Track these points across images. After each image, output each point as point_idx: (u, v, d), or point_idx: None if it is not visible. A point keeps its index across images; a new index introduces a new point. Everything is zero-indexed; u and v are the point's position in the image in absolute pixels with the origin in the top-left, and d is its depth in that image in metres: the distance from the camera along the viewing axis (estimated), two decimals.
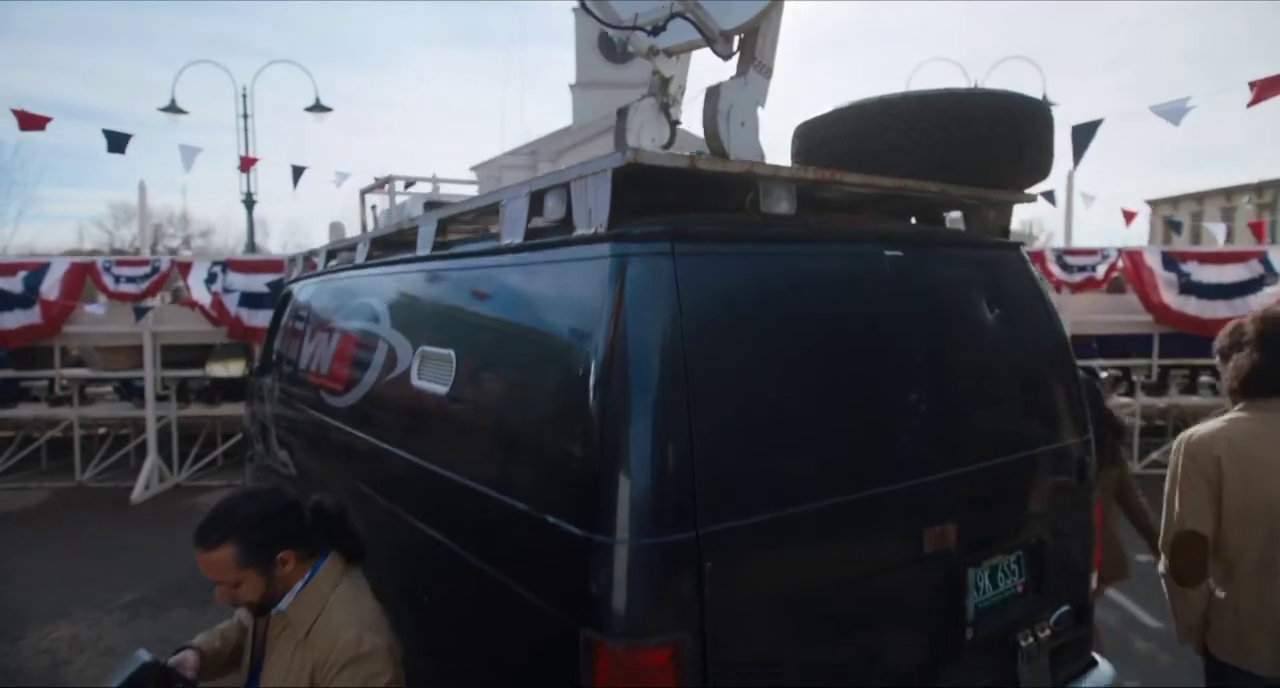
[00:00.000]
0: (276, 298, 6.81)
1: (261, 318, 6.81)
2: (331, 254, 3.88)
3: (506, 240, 2.16)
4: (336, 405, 3.10)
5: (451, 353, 2.29)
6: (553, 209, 1.99)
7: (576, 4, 2.63)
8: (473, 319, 2.35)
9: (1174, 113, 4.33)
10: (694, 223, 1.94)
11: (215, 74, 12.18)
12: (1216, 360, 2.39)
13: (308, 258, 4.23)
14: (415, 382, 2.45)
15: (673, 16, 2.21)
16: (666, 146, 2.46)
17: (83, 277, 6.88)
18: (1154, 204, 46.60)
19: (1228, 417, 2.25)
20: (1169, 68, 77.79)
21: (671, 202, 2.15)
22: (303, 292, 4.07)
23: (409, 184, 5.31)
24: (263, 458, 4.58)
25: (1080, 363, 7.09)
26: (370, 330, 2.95)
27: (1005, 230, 2.67)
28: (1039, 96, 3.84)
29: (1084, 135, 3.99)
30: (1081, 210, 7.52)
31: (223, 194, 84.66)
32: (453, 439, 2.27)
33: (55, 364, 7.18)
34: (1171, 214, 45.04)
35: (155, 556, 5.39)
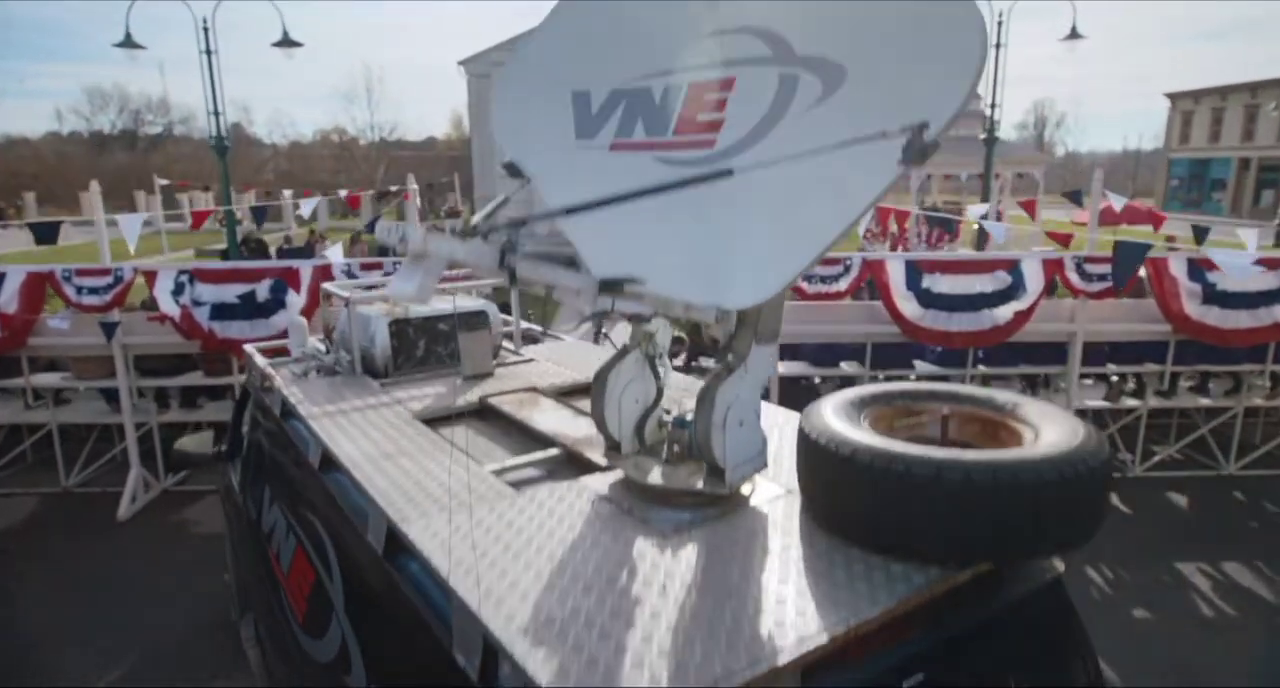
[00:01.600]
0: (251, 308, 6.51)
1: (236, 329, 6.50)
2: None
3: None
4: None
5: None
6: None
7: None
8: None
9: None
10: None
11: None
12: None
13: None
14: None
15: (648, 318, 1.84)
16: (651, 408, 2.13)
17: (42, 287, 6.50)
18: (1174, 98, 44.65)
19: None
20: None
21: None
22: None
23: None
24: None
25: (1091, 369, 6.83)
26: None
27: None
28: None
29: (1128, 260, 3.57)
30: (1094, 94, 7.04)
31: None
32: None
33: (24, 373, 6.91)
34: (1192, 109, 43.27)
35: (146, 606, 5.33)
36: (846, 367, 7.08)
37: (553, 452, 2.36)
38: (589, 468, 2.22)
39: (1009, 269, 6.45)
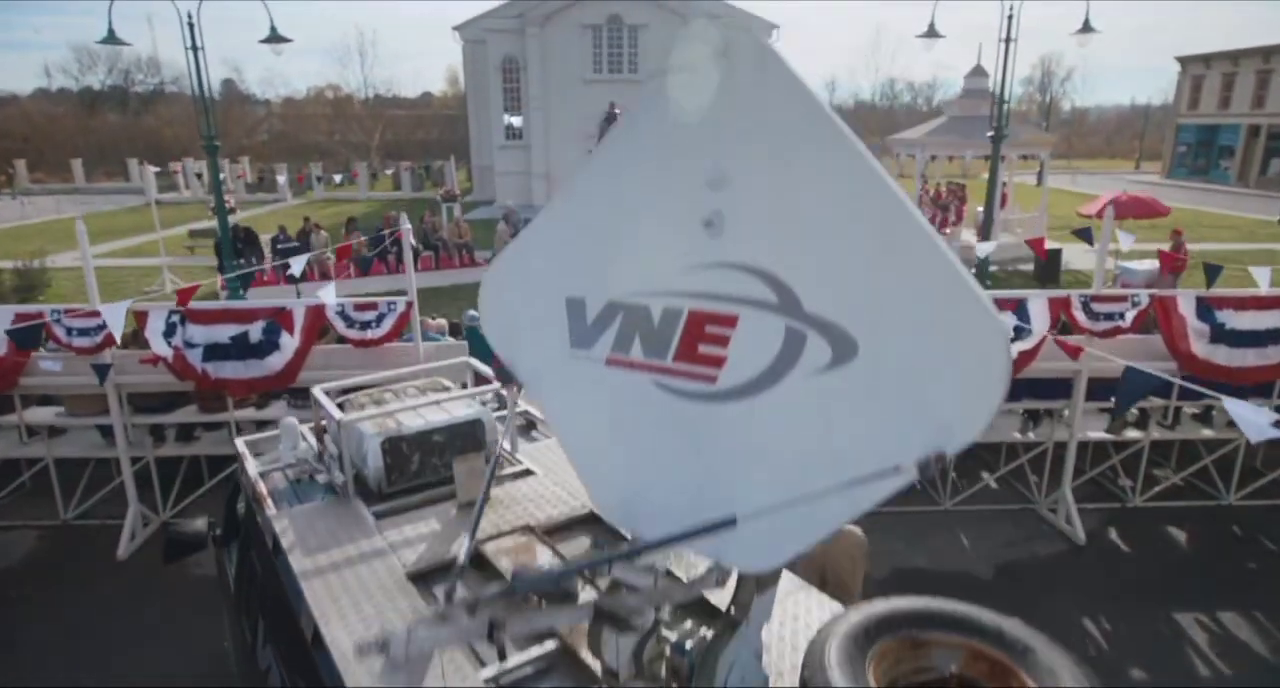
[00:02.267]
0: (244, 349, 6.41)
1: (230, 369, 6.42)
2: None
3: None
4: None
5: None
6: None
7: None
8: None
9: None
10: None
11: None
12: None
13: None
14: None
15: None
16: (650, 631, 2.06)
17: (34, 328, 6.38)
18: (1184, 62, 43.72)
19: None
20: None
21: None
22: None
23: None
24: None
25: (1096, 405, 6.73)
26: None
27: None
28: None
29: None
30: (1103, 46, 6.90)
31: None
32: None
33: (17, 409, 6.84)
34: (1203, 74, 42.38)
35: (146, 652, 5.35)
36: None
37: (549, 646, 2.30)
38: (585, 672, 2.17)
39: (1014, 309, 6.34)
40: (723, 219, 1.74)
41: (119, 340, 6.33)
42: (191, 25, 10.82)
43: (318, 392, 3.61)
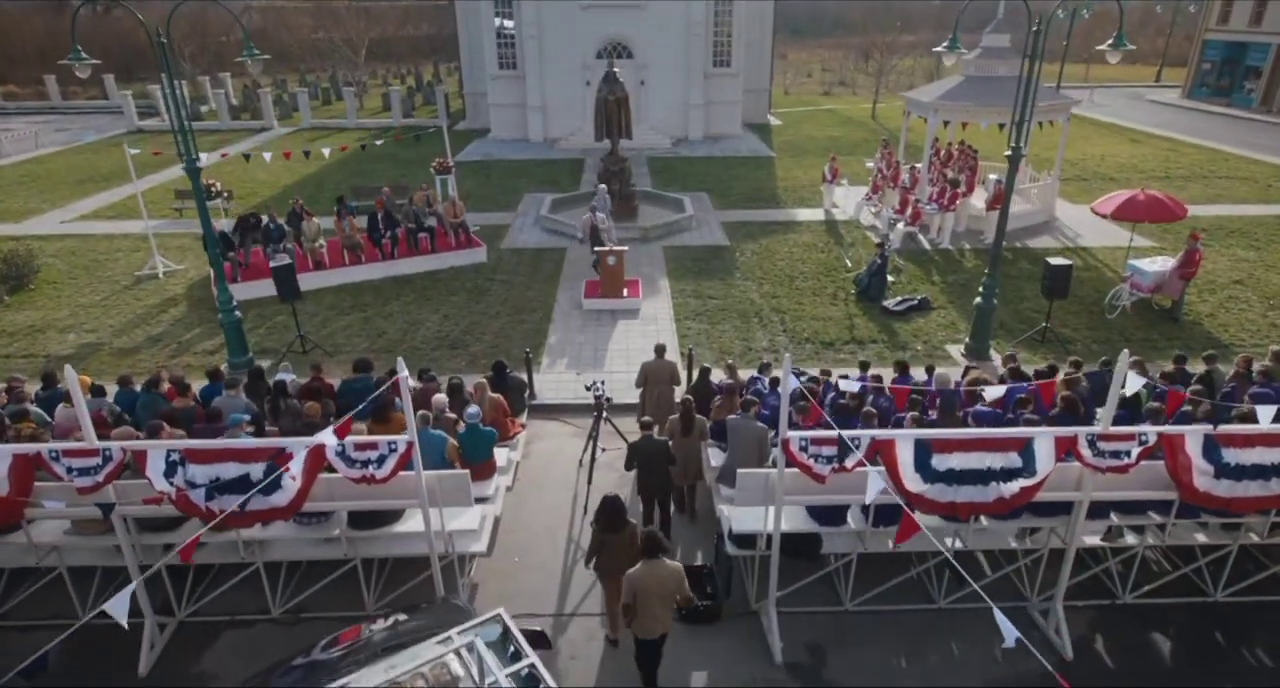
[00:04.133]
0: (247, 485, 6.40)
1: (233, 503, 6.42)
2: None
3: None
4: None
5: None
6: None
7: None
8: None
9: None
10: None
11: None
12: None
13: None
14: None
15: None
16: None
17: (31, 469, 6.32)
18: None
19: None
20: None
21: None
22: None
23: None
24: None
25: (1096, 521, 6.79)
26: None
27: None
28: None
29: None
30: None
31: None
32: None
33: (25, 529, 6.90)
34: None
35: None
36: None
37: None
38: None
39: (1020, 449, 6.28)
40: None
41: None
42: (163, 43, 10.13)
43: None
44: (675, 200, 20.93)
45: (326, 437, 6.33)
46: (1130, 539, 7.41)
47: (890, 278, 14.95)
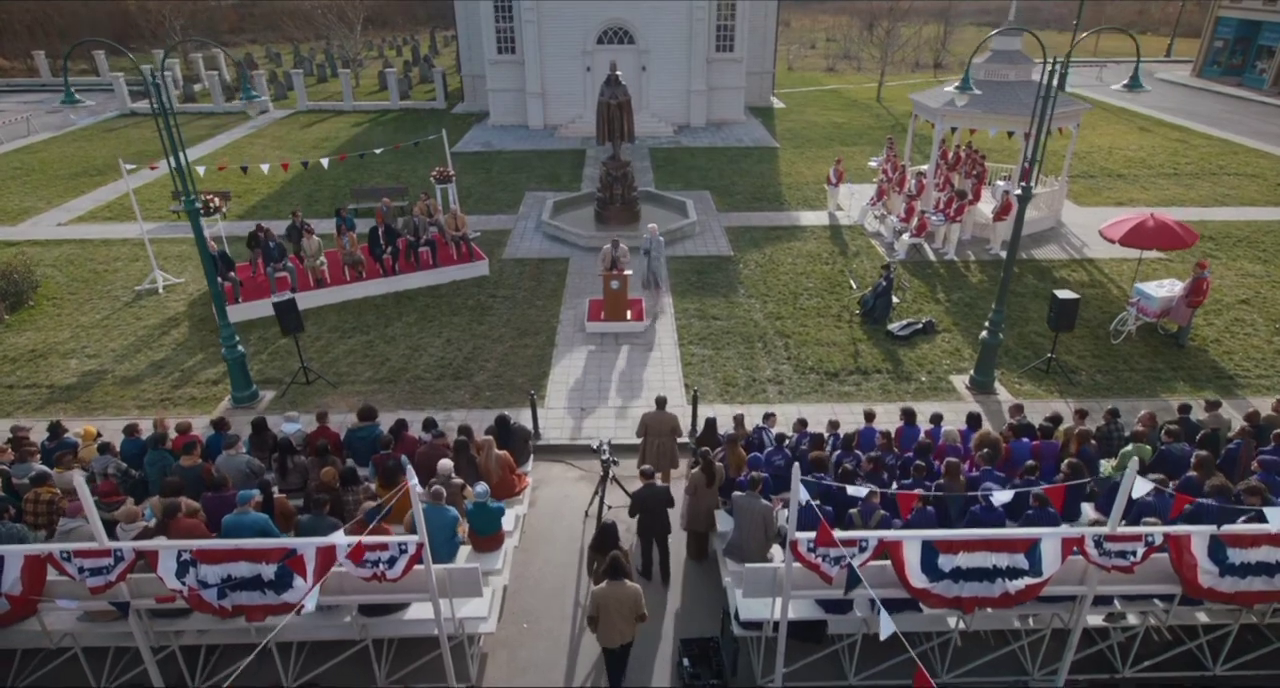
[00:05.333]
0: (258, 584, 6.45)
1: (246, 598, 6.48)
2: None
3: None
4: None
5: None
6: None
7: None
8: None
9: None
10: None
11: None
12: None
13: None
14: None
15: None
16: None
17: (43, 569, 6.37)
18: None
19: None
20: None
21: None
22: None
23: None
24: None
25: (1100, 606, 6.84)
26: None
27: None
28: None
29: None
30: None
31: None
32: None
33: (39, 618, 6.96)
34: None
35: None
36: None
37: None
38: None
39: (1027, 550, 6.32)
40: None
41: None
42: (157, 85, 9.91)
43: None
44: (678, 203, 20.69)
45: (337, 538, 6.36)
46: (1133, 619, 7.48)
47: (895, 300, 14.86)
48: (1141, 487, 6.23)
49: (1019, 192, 11.08)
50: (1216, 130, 30.43)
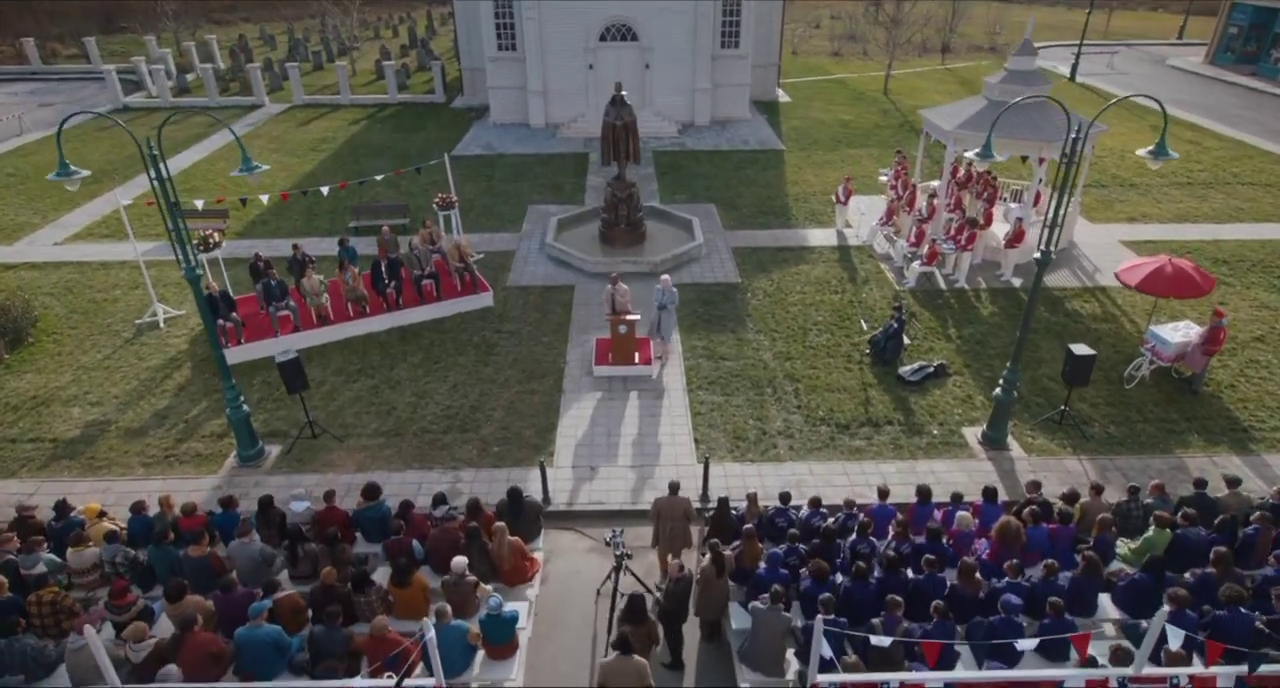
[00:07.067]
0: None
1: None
2: None
3: None
4: None
5: None
6: None
7: None
8: None
9: None
10: None
11: None
12: None
13: None
14: None
15: None
16: None
17: None
18: None
19: None
20: None
21: None
22: None
23: None
24: None
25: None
26: None
27: None
28: None
29: None
30: None
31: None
32: None
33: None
34: None
35: None
36: None
37: None
38: None
39: None
40: None
41: None
42: (155, 156, 9.63)
43: None
44: (684, 220, 20.37)
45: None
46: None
47: (907, 341, 14.67)
48: (1174, 638, 6.15)
49: (1033, 220, 10.81)
50: (1231, 129, 29.91)
